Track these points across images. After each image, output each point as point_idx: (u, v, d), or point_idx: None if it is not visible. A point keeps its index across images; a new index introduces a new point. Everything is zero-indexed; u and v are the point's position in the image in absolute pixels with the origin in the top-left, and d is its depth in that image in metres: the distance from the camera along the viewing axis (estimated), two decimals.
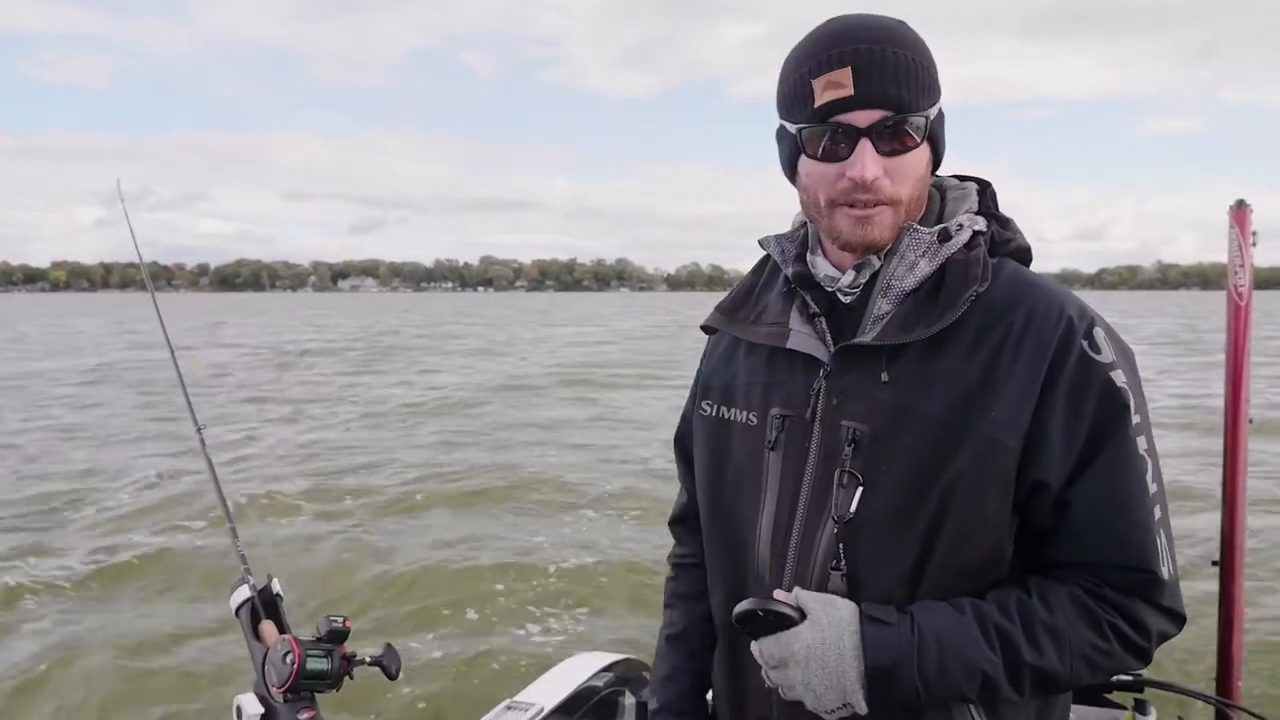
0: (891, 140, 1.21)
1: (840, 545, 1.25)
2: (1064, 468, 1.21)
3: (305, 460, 11.71)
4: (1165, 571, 1.23)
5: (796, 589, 1.23)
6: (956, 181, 1.38)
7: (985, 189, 1.36)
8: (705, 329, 1.49)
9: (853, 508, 1.24)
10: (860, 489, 1.24)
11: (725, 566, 1.43)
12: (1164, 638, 1.27)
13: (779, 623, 1.20)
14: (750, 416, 1.38)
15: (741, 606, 1.22)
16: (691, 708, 1.55)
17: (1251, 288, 2.31)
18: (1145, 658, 1.28)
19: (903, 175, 1.23)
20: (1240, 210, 2.35)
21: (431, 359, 28.14)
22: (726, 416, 1.42)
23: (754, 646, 1.23)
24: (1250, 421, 2.41)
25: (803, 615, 1.20)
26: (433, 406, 16.85)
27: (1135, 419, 1.22)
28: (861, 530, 1.25)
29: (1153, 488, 1.23)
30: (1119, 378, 1.23)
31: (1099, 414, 1.21)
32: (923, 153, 1.25)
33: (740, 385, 1.41)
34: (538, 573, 7.12)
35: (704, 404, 1.47)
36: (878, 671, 1.17)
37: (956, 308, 1.22)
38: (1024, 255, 1.34)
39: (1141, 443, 1.23)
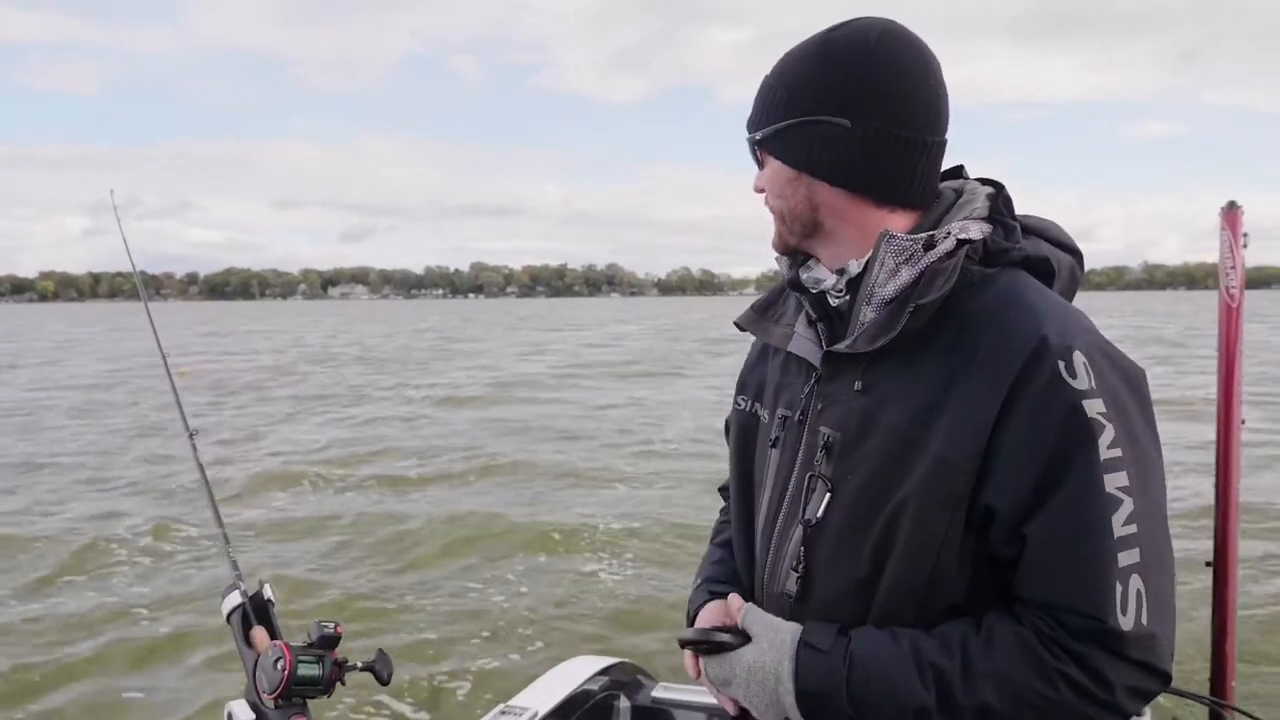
0: (757, 160, 1.36)
1: (802, 548, 1.29)
2: (1017, 496, 1.16)
3: (309, 464, 11.72)
4: (1123, 623, 1.13)
5: (748, 606, 1.32)
6: (976, 185, 1.34)
7: (998, 193, 1.32)
8: (738, 325, 1.53)
9: (819, 512, 1.27)
10: (829, 494, 1.26)
11: (741, 551, 1.48)
12: (1139, 694, 1.17)
13: (722, 646, 1.29)
14: (765, 414, 1.45)
15: (686, 635, 1.33)
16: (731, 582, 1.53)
17: (1243, 288, 2.32)
18: (1116, 710, 1.17)
19: (769, 189, 1.35)
20: (1231, 212, 2.35)
21: (439, 364, 28.16)
22: (756, 412, 1.48)
23: (700, 665, 1.33)
24: (1243, 422, 2.41)
25: (745, 638, 1.28)
26: (441, 401, 16.87)
27: (1109, 453, 1.14)
28: (824, 535, 1.27)
29: (1122, 530, 1.14)
30: (1092, 407, 1.15)
31: (1059, 445, 1.14)
32: (772, 169, 1.33)
33: (766, 384, 1.47)
34: (535, 576, 7.11)
35: (740, 398, 1.53)
36: (808, 695, 1.21)
37: (903, 319, 1.21)
38: (1037, 266, 1.29)
39: (1111, 480, 1.14)
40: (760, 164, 1.36)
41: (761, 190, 1.36)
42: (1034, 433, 1.15)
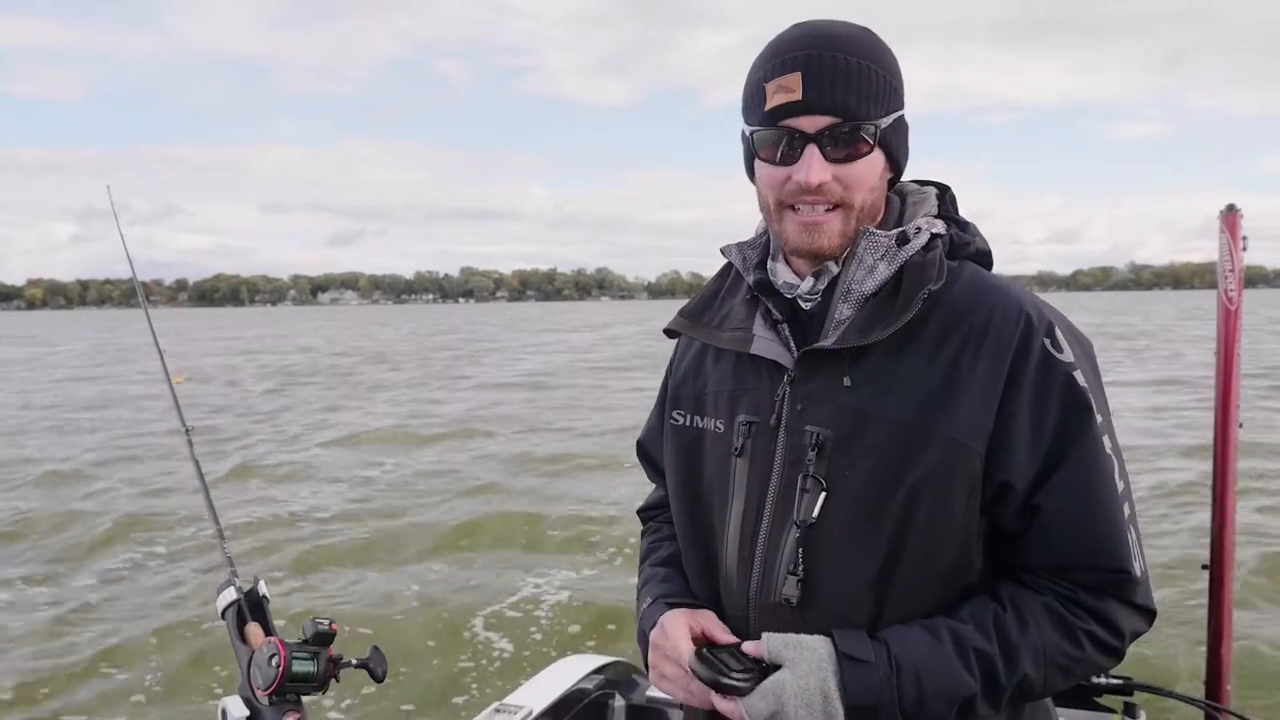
0: (841, 147, 1.22)
1: (800, 550, 1.25)
2: (1030, 469, 1.21)
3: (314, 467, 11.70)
4: (1137, 569, 1.23)
5: (766, 636, 1.22)
6: (917, 186, 1.38)
7: (945, 193, 1.37)
8: (668, 332, 1.48)
9: (815, 512, 1.24)
10: (824, 494, 1.23)
11: (700, 574, 1.42)
12: (1136, 635, 1.28)
13: (736, 689, 1.18)
14: (718, 424, 1.38)
15: (701, 673, 1.21)
16: (686, 595, 1.45)
17: (1241, 291, 2.32)
18: (1119, 656, 1.28)
19: (853, 182, 1.23)
20: (1230, 215, 2.35)
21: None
22: (699, 425, 1.41)
23: (739, 707, 1.19)
24: (1240, 425, 2.41)
25: (758, 674, 1.19)
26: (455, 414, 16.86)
27: (1099, 418, 1.23)
28: (825, 535, 1.24)
29: (1120, 485, 1.23)
30: (1080, 377, 1.23)
31: (1063, 414, 1.21)
32: (875, 160, 1.25)
33: (709, 394, 1.41)
34: (532, 575, 7.10)
35: (675, 413, 1.46)
36: (859, 710, 1.17)
37: (910, 307, 1.22)
38: (984, 258, 1.35)
39: (1106, 442, 1.23)
40: (843, 156, 1.22)
41: (822, 183, 1.22)
42: (1040, 407, 1.21)
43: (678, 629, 1.33)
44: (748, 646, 1.24)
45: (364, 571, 7.27)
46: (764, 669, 1.20)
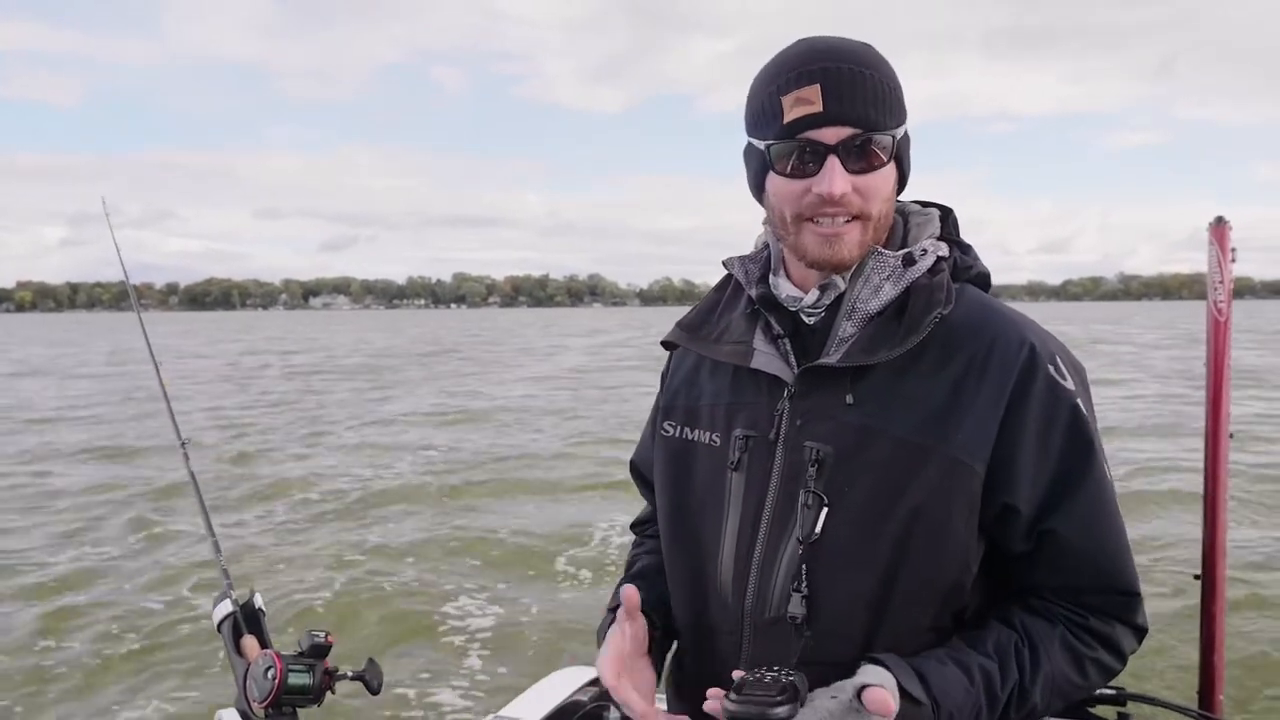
0: (860, 158, 1.22)
1: (803, 566, 1.24)
2: (1035, 493, 1.23)
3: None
4: (1138, 588, 1.28)
5: (881, 682, 1.12)
6: (918, 207, 1.39)
7: (947, 216, 1.38)
8: (666, 344, 1.48)
9: (818, 528, 1.23)
10: (825, 509, 1.24)
11: (688, 587, 1.40)
12: (1131, 654, 1.32)
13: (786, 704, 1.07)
14: (714, 437, 1.37)
15: (735, 711, 1.08)
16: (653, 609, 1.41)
17: (1230, 303, 2.33)
18: (1114, 676, 1.32)
19: (871, 193, 1.24)
20: (1219, 227, 2.36)
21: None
22: (690, 437, 1.41)
23: None
24: (1231, 436, 2.42)
25: (794, 698, 1.08)
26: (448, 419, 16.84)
27: (1098, 444, 1.26)
28: (824, 551, 1.24)
29: (1117, 508, 1.28)
30: (1082, 406, 1.25)
31: (1070, 443, 1.24)
32: (889, 172, 1.25)
33: (704, 406, 1.41)
34: (526, 586, 7.09)
35: (666, 425, 1.46)
36: None
37: (920, 330, 1.23)
38: (984, 281, 1.36)
39: (1105, 467, 1.26)
40: (862, 167, 1.22)
41: (844, 193, 1.21)
42: (1045, 434, 1.23)
43: (611, 674, 1.29)
44: (872, 699, 1.08)
45: (361, 582, 7.26)
46: (792, 685, 1.10)
